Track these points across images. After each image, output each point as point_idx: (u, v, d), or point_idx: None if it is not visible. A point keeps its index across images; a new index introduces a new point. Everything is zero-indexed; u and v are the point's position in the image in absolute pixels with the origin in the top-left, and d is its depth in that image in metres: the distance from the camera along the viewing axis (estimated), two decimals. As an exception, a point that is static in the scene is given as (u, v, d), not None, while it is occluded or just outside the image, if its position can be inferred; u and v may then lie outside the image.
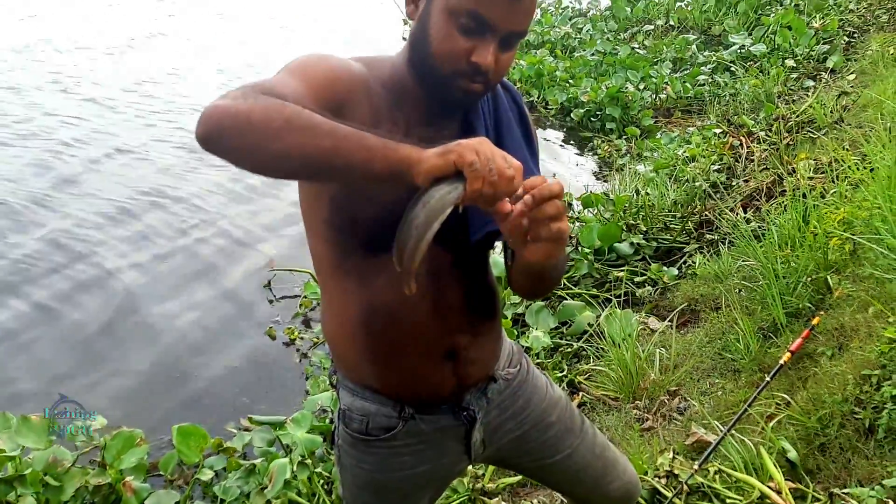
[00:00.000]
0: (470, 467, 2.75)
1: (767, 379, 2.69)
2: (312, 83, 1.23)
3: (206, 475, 2.87)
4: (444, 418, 1.52)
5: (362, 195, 1.33)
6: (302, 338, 3.93)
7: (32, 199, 5.24)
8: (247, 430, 3.15)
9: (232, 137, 1.05)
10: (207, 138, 1.07)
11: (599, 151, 6.44)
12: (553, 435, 1.65)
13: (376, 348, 1.46)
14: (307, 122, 1.06)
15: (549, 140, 6.84)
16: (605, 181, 5.85)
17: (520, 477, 2.71)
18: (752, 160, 5.18)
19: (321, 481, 2.77)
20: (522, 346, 3.54)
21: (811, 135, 5.23)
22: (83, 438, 2.93)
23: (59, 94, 7.45)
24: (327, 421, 3.10)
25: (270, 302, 4.24)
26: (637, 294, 3.97)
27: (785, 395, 2.70)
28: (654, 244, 4.40)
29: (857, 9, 8.75)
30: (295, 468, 2.74)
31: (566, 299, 3.91)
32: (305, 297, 4.19)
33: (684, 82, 7.29)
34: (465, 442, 1.55)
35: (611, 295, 3.94)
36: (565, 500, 2.55)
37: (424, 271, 1.40)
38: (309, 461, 2.80)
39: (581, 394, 3.29)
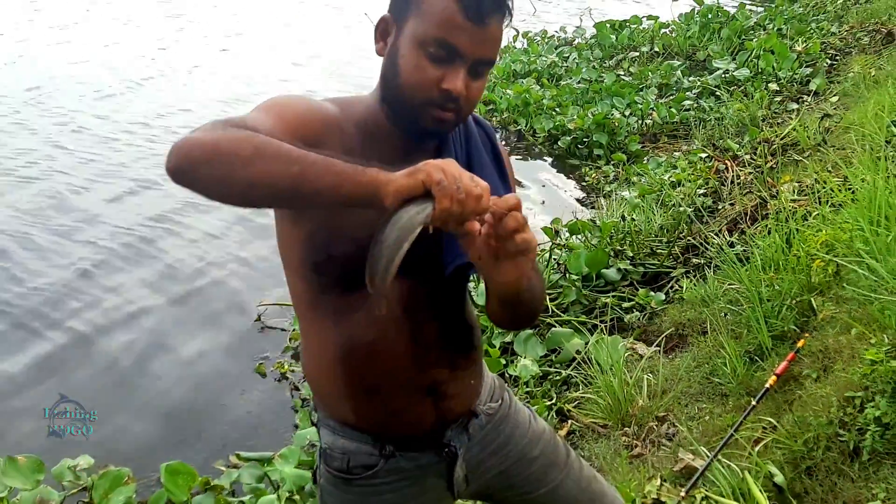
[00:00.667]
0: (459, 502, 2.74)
1: (753, 403, 2.70)
2: (285, 121, 1.26)
3: (195, 513, 2.85)
4: (426, 455, 1.52)
5: (338, 233, 1.35)
6: (293, 371, 3.92)
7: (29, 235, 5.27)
8: (235, 467, 3.13)
9: (201, 168, 1.07)
10: (177, 171, 1.09)
11: (587, 178, 6.47)
12: (537, 469, 1.64)
13: (355, 385, 1.46)
14: (275, 150, 1.08)
15: (538, 168, 6.87)
16: (593, 207, 5.87)
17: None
18: (738, 184, 5.22)
19: (310, 517, 2.76)
20: (511, 375, 3.56)
21: (795, 157, 5.28)
22: (70, 478, 2.92)
23: (73, 133, 7.44)
24: (315, 455, 3.08)
25: (261, 336, 4.24)
26: (625, 320, 3.98)
27: (771, 419, 2.70)
28: (642, 269, 4.42)
29: (839, 32, 8.85)
30: (283, 504, 2.73)
31: (554, 326, 3.92)
32: (295, 329, 4.20)
33: (670, 108, 7.35)
34: (447, 478, 1.55)
35: (599, 321, 3.95)
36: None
37: (401, 307, 1.41)
38: (297, 497, 2.79)
39: (570, 422, 3.29)
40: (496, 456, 1.61)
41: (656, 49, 9.56)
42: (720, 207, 5.02)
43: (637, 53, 9.50)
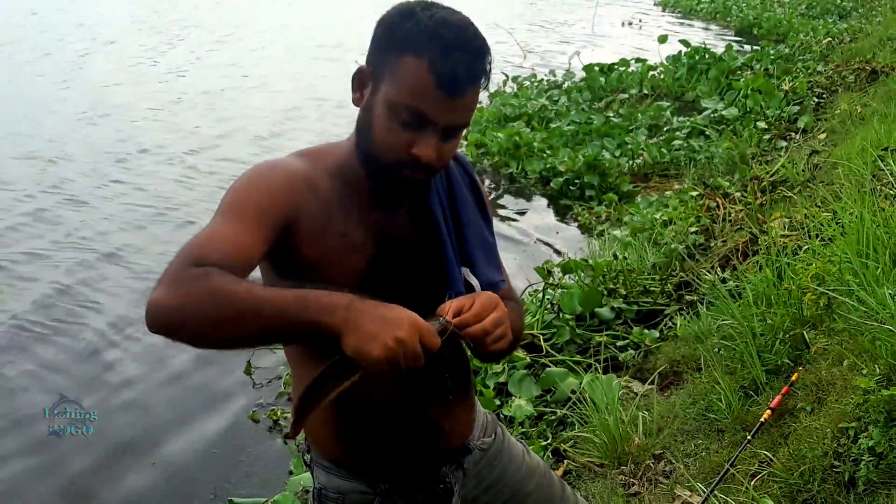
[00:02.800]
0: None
1: (749, 437, 2.68)
2: (249, 220, 1.27)
3: (187, 563, 2.81)
4: (421, 493, 1.52)
5: (324, 287, 1.35)
6: (286, 417, 3.89)
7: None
8: (228, 514, 3.10)
9: (175, 332, 1.15)
10: (156, 332, 1.17)
11: (580, 218, 6.51)
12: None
13: (350, 426, 1.46)
14: (236, 309, 1.13)
15: (530, 209, 6.92)
16: (586, 247, 5.89)
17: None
18: (729, 221, 5.25)
19: (303, 564, 2.71)
20: (506, 416, 3.54)
21: (785, 194, 5.32)
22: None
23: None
24: (310, 498, 3.04)
25: (253, 382, 4.21)
26: (620, 358, 3.97)
27: (767, 453, 2.68)
28: (635, 307, 4.42)
29: (825, 70, 8.99)
30: (276, 551, 2.69)
31: (549, 367, 3.90)
32: (288, 374, 4.17)
33: (660, 147, 7.42)
34: None
35: (593, 360, 3.94)
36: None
37: None
38: (291, 543, 2.75)
39: (566, 462, 3.26)
40: (491, 491, 1.60)
41: (645, 91, 9.70)
42: (712, 245, 5.03)
43: (626, 95, 9.63)
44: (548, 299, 4.48)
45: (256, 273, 1.43)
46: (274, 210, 1.29)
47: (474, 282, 1.49)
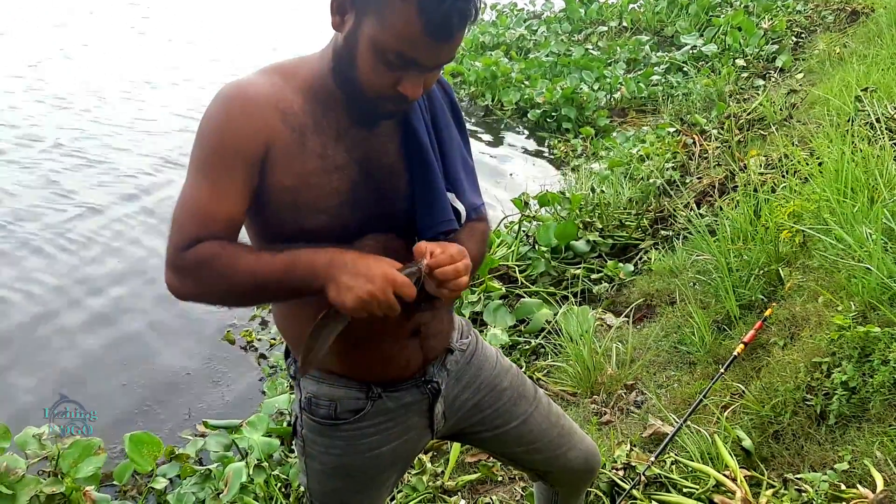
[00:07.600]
0: (429, 465, 2.74)
1: (721, 370, 2.73)
2: (226, 176, 1.28)
3: (160, 484, 2.82)
4: (409, 393, 1.55)
5: (308, 208, 1.33)
6: (259, 339, 3.89)
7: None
8: (202, 435, 3.10)
9: (195, 302, 1.35)
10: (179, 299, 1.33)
11: (556, 151, 6.48)
12: (506, 401, 1.68)
13: (343, 339, 1.44)
14: (241, 291, 1.29)
15: (507, 140, 6.86)
16: (561, 180, 5.88)
17: (479, 474, 2.70)
18: (706, 157, 5.25)
19: (279, 484, 2.73)
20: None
21: (762, 132, 5.33)
22: (35, 447, 2.86)
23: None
24: (285, 424, 3.06)
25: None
26: (594, 291, 3.99)
27: (739, 385, 2.73)
28: (611, 241, 4.43)
29: (805, 10, 8.92)
30: (251, 471, 2.70)
31: (524, 297, 3.92)
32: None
33: (638, 82, 7.37)
34: (428, 416, 1.58)
35: (568, 292, 3.96)
36: (525, 493, 2.56)
37: (383, 255, 1.40)
38: (266, 464, 2.77)
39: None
40: (469, 389, 1.64)
41: (625, 24, 9.58)
42: (688, 181, 5.04)
43: (606, 28, 9.50)
44: (523, 231, 4.48)
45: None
46: (247, 156, 1.27)
47: (459, 207, 1.48)
